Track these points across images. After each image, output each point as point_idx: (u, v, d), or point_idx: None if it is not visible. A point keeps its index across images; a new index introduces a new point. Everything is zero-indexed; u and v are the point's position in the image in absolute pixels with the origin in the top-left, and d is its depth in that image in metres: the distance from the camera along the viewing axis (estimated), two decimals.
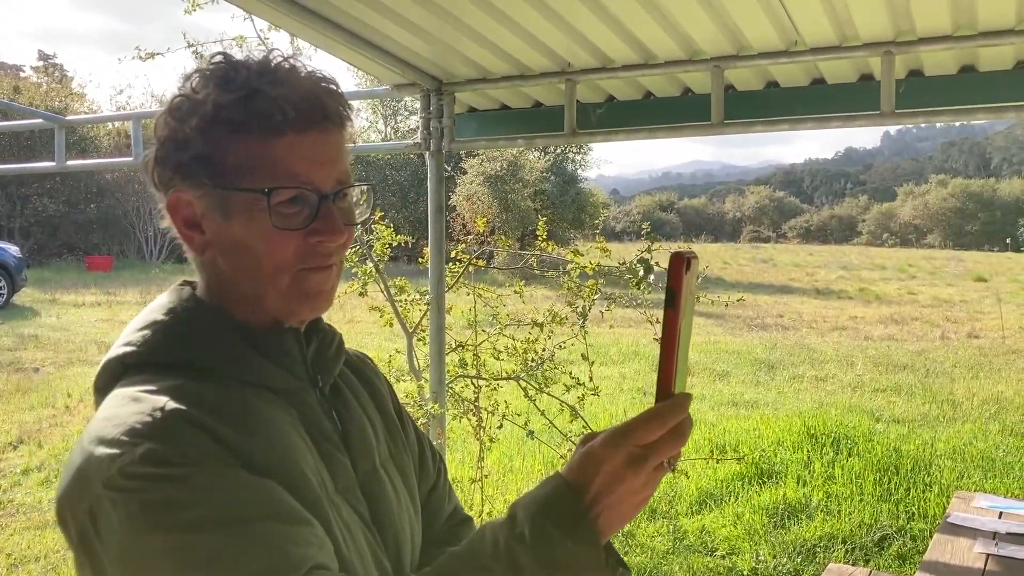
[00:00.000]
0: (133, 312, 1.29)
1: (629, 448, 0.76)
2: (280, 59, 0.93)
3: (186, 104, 0.91)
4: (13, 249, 14.55)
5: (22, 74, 33.05)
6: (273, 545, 0.79)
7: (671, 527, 4.93)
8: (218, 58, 0.93)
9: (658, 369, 0.77)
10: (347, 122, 0.96)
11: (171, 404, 0.84)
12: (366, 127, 30.73)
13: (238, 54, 0.95)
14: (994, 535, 3.04)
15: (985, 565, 2.81)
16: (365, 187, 1.02)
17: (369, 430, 1.06)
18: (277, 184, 0.90)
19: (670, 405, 0.77)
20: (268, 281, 0.93)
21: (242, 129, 0.89)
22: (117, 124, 25.27)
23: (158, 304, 0.98)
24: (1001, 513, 3.30)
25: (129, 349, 0.93)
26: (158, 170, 0.94)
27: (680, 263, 0.75)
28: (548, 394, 4.22)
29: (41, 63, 34.87)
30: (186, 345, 0.93)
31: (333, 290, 0.99)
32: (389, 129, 30.49)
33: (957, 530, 3.08)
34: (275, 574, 0.78)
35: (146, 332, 0.94)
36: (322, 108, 0.92)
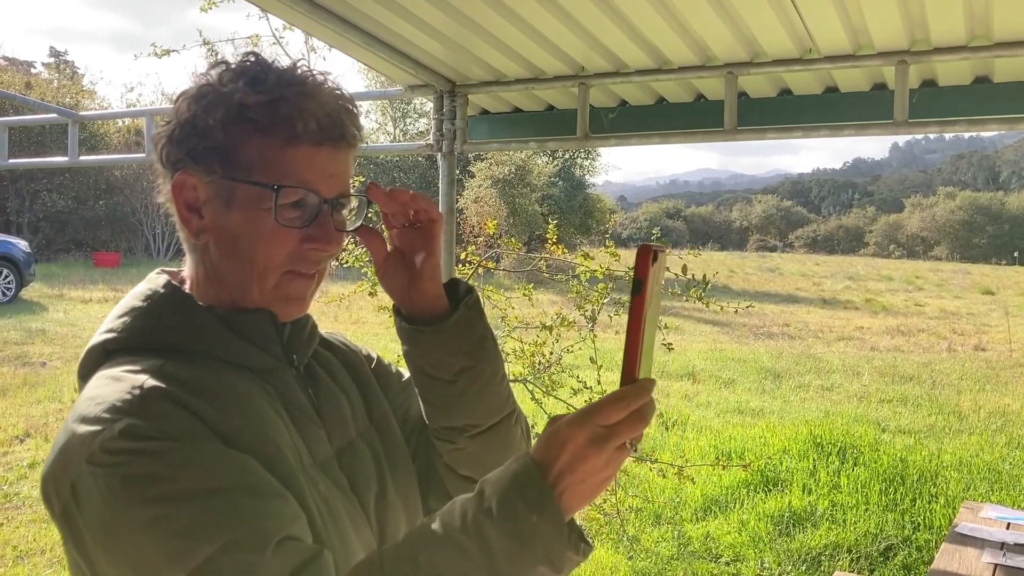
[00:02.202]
0: None
1: (592, 428, 0.79)
2: (307, 70, 0.97)
3: (212, 94, 0.94)
4: (22, 244, 14.61)
5: (33, 70, 33.20)
6: (247, 517, 0.82)
7: (676, 533, 4.93)
8: (251, 58, 0.97)
9: (623, 355, 0.80)
10: (358, 143, 1.00)
11: (151, 382, 0.87)
12: (375, 129, 30.80)
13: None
14: (1002, 545, 3.03)
15: (993, 575, 2.81)
16: (358, 199, 1.06)
17: (345, 404, 1.09)
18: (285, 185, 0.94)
19: (633, 388, 0.80)
20: (255, 277, 0.97)
21: (263, 130, 0.93)
22: (127, 121, 25.39)
23: (136, 292, 1.02)
24: (1009, 524, 3.29)
25: (110, 336, 0.97)
26: (169, 148, 0.96)
27: (647, 254, 0.79)
28: (555, 397, 4.23)
29: (52, 60, 35.05)
30: (165, 328, 0.97)
31: (311, 297, 1.03)
32: (398, 131, 30.53)
33: (965, 540, 3.08)
34: (248, 545, 0.80)
35: (125, 319, 0.98)
36: (341, 127, 0.96)
